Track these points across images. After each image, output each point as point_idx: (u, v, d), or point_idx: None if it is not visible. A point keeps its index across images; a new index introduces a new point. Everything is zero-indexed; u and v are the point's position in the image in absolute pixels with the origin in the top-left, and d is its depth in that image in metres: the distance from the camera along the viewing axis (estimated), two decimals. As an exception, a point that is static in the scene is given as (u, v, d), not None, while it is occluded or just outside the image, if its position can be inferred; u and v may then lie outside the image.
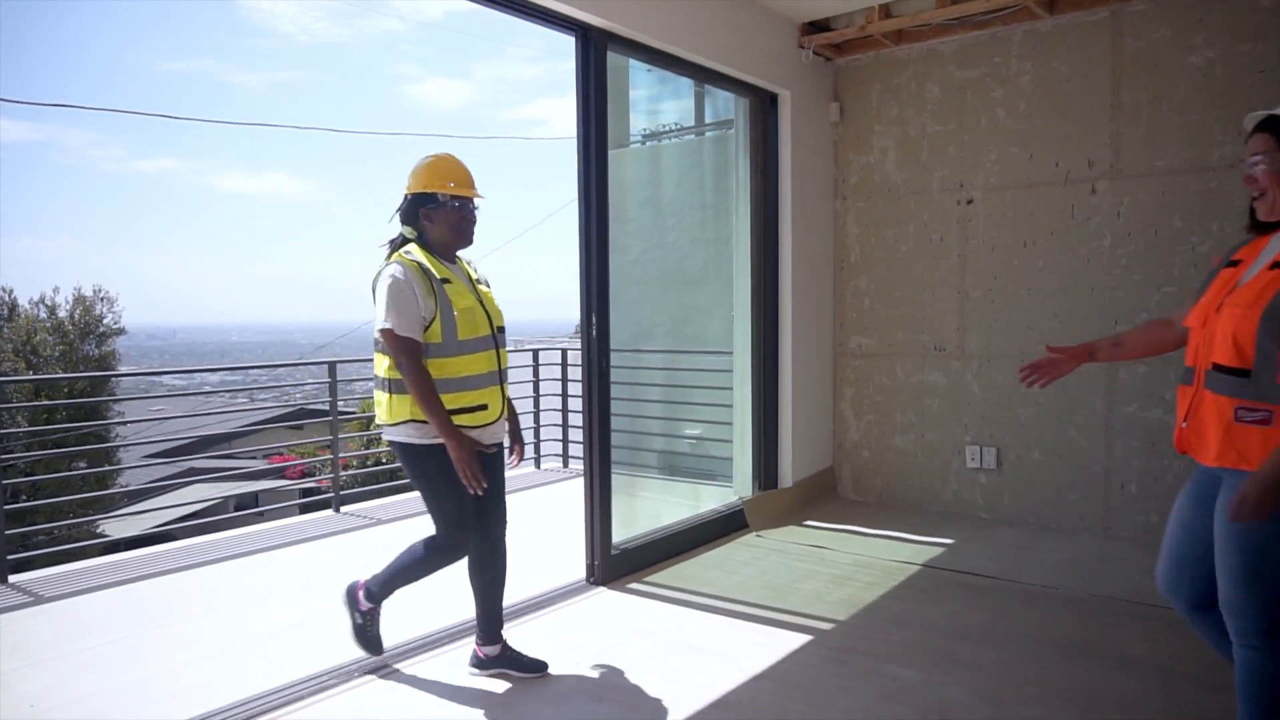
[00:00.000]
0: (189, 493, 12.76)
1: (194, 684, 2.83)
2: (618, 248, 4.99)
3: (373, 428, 2.81)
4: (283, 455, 15.26)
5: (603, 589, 3.68)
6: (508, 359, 2.82)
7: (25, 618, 3.51)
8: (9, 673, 2.95)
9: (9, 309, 15.45)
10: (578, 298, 3.69)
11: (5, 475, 5.96)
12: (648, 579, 3.82)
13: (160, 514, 11.08)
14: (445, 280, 2.59)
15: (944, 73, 4.81)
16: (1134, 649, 3.01)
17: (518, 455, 2.91)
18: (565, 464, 6.93)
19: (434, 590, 3.06)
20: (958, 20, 4.57)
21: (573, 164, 3.68)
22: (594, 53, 3.62)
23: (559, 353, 7.00)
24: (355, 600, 2.81)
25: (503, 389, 2.73)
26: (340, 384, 5.32)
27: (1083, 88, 4.38)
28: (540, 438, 6.81)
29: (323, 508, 5.55)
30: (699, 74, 4.34)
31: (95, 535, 12.29)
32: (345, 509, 5.38)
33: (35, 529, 7.37)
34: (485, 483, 2.56)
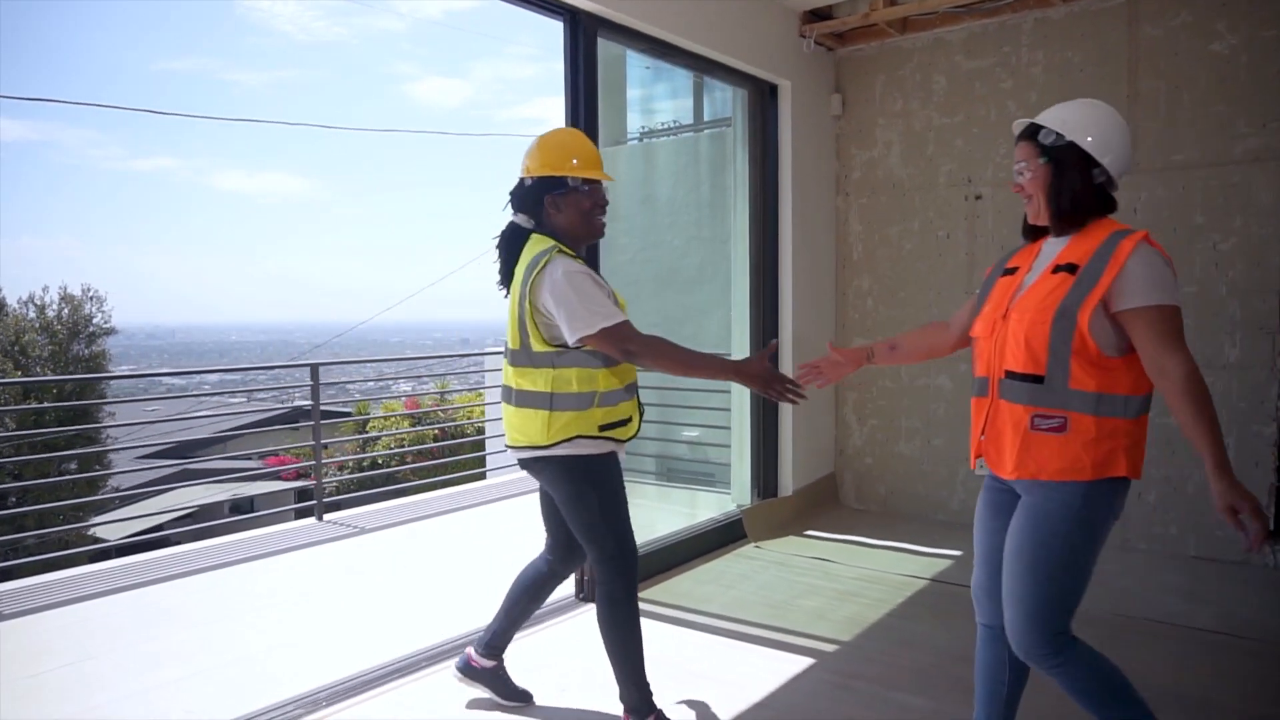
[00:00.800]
0: (182, 495, 12.59)
1: (145, 717, 2.63)
2: (613, 247, 4.83)
3: (507, 448, 2.40)
4: (280, 457, 15.06)
5: (593, 606, 3.48)
6: None
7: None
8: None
9: (-3, 309, 15.24)
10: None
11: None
12: (640, 595, 3.61)
13: (150, 519, 10.91)
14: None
15: (951, 63, 4.61)
16: (1162, 675, 2.80)
17: None
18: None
19: (420, 609, 2.87)
20: (965, 8, 4.37)
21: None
22: (583, 38, 3.42)
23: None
24: (474, 669, 2.61)
25: (639, 400, 2.42)
26: (339, 385, 5.11)
27: (1097, 78, 4.18)
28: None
29: (307, 515, 5.35)
30: (694, 63, 4.14)
31: (87, 539, 12.10)
32: (329, 517, 5.19)
33: (22, 535, 7.15)
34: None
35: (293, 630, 3.34)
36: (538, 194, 2.30)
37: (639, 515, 4.44)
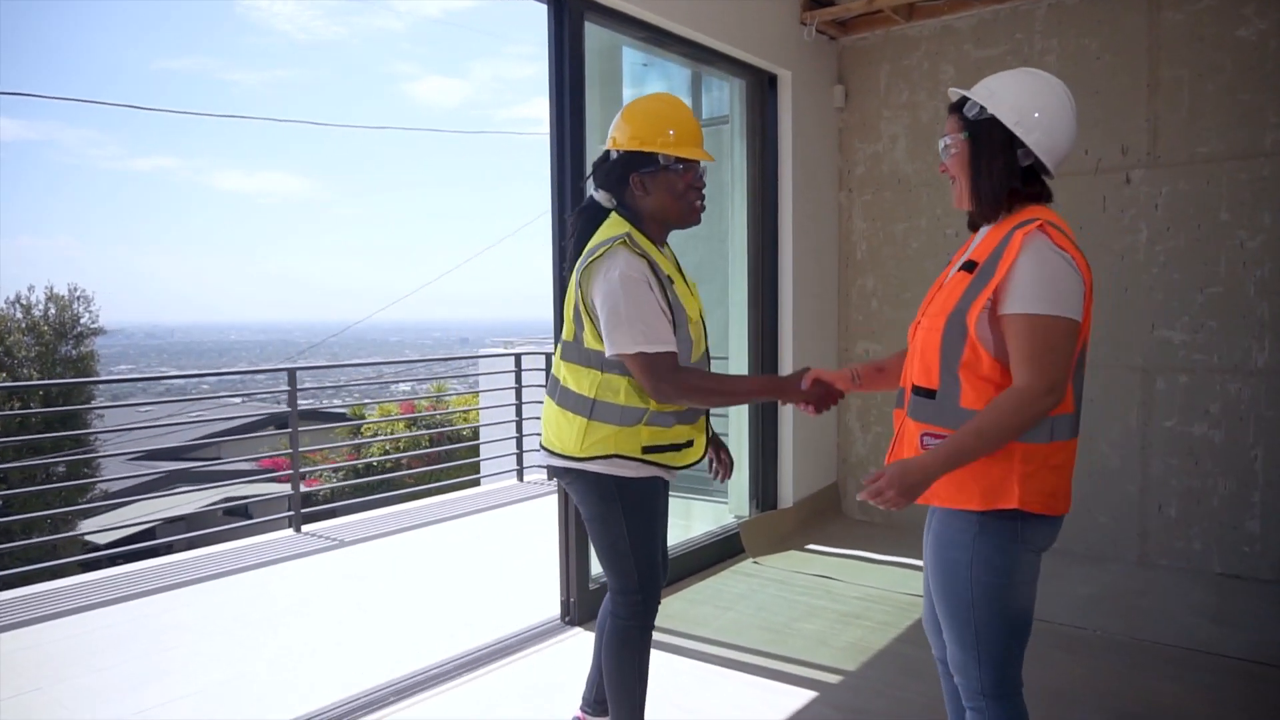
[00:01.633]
0: (170, 500, 12.37)
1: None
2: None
3: (541, 450, 2.09)
4: (275, 460, 14.81)
5: (579, 630, 3.25)
6: None
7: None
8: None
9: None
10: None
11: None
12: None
13: (136, 526, 10.68)
14: (669, 279, 1.98)
15: (960, 52, 4.38)
16: (1195, 708, 2.57)
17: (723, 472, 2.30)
18: (550, 476, 6.51)
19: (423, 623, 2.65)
20: (975, -7, 4.14)
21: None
22: (569, 22, 3.18)
23: (543, 358, 6.59)
24: None
25: (708, 421, 2.15)
26: (324, 390, 4.89)
27: (1116, 66, 3.95)
28: (524, 448, 6.39)
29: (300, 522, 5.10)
30: (689, 51, 3.90)
31: (75, 542, 11.88)
32: (307, 528, 4.96)
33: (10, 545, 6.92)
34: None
35: (261, 653, 3.12)
36: (623, 170, 1.98)
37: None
